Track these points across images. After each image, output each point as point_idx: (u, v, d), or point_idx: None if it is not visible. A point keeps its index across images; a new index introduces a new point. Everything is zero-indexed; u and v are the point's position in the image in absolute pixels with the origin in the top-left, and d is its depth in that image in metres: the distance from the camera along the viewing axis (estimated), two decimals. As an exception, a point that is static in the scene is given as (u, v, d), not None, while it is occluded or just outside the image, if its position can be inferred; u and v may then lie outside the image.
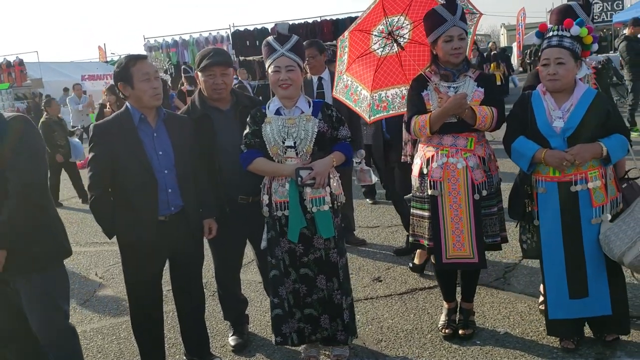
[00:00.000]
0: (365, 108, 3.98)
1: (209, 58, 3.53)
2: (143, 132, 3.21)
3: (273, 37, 3.32)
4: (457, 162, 3.40)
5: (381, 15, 3.72)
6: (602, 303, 3.24)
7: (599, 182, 3.18)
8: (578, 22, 3.18)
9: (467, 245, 3.43)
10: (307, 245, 3.29)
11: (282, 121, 3.27)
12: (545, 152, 3.18)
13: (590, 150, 3.13)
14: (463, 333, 3.66)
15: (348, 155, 3.38)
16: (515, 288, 4.36)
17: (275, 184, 3.28)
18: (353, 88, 4.00)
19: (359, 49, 3.91)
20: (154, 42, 18.90)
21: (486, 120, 3.33)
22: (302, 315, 3.36)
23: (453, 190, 3.42)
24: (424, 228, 3.57)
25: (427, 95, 3.47)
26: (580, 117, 3.16)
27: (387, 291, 4.57)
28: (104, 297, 5.17)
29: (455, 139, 3.43)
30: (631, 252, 3.05)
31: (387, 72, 3.92)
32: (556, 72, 3.15)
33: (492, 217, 3.49)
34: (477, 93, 3.41)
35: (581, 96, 3.20)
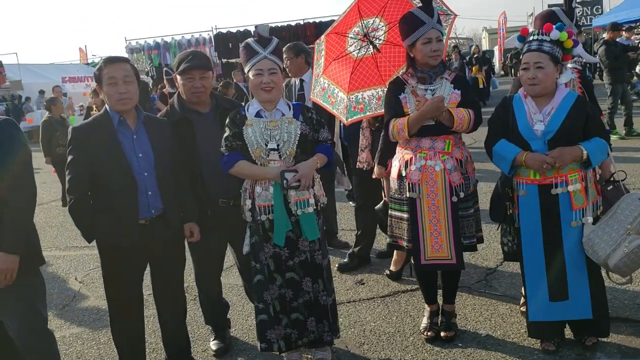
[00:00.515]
0: (343, 110, 3.98)
1: (187, 62, 3.51)
2: (122, 134, 3.18)
3: (254, 40, 3.29)
4: (435, 164, 3.43)
5: (357, 17, 3.74)
6: (582, 306, 3.26)
7: (579, 185, 3.21)
8: (558, 26, 3.21)
9: (445, 246, 3.46)
10: (293, 248, 3.28)
11: (264, 124, 3.25)
12: (526, 155, 3.20)
13: (570, 154, 3.15)
14: (445, 335, 3.67)
15: (330, 157, 3.38)
16: (497, 290, 4.39)
17: (259, 187, 3.26)
18: (330, 90, 4.00)
19: (335, 52, 3.92)
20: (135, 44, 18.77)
21: (463, 122, 3.36)
22: (289, 320, 3.34)
23: (431, 192, 3.44)
24: (402, 229, 3.60)
25: (405, 98, 3.49)
26: (561, 120, 3.18)
27: (370, 294, 4.58)
28: (84, 301, 5.10)
29: (433, 142, 3.45)
30: (616, 254, 3.09)
31: (363, 74, 3.94)
32: (535, 76, 3.17)
33: (469, 219, 3.53)
34: (454, 95, 3.44)
35: (562, 100, 3.23)
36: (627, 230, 3.10)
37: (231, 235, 3.67)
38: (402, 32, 3.50)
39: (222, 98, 3.79)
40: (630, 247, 3.05)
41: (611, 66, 10.02)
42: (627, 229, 3.10)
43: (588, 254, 3.21)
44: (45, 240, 7.03)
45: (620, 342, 3.43)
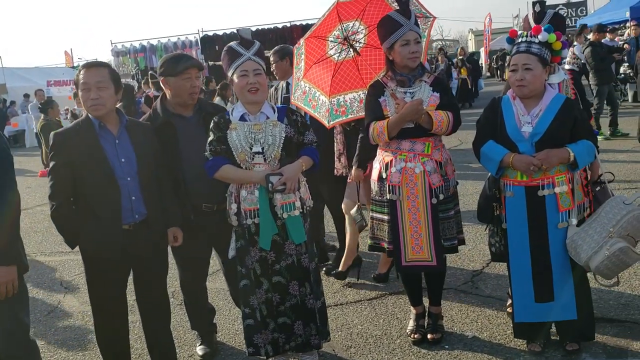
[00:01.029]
0: (324, 113, 3.98)
1: (185, 60, 3.49)
2: (104, 139, 3.16)
3: (236, 43, 3.28)
4: (414, 166, 3.44)
5: (336, 21, 3.74)
6: (567, 307, 3.28)
7: (566, 187, 3.23)
8: (546, 28, 3.23)
9: (426, 248, 3.48)
10: (279, 252, 3.26)
11: (248, 127, 3.24)
12: (513, 157, 3.21)
13: (557, 156, 3.17)
14: (432, 337, 3.68)
15: (315, 159, 3.38)
16: (483, 292, 4.40)
17: (244, 191, 3.24)
18: (311, 94, 4.00)
19: (315, 55, 3.92)
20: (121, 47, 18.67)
21: (442, 124, 3.38)
22: (276, 325, 3.33)
23: (411, 194, 3.45)
24: (383, 231, 3.62)
25: (385, 102, 3.50)
26: (549, 122, 3.20)
27: (357, 297, 4.57)
28: (68, 307, 5.05)
29: (412, 144, 3.46)
30: (597, 256, 3.10)
31: (345, 77, 3.94)
32: (523, 77, 3.19)
33: (450, 220, 3.54)
34: (433, 98, 3.46)
35: (550, 102, 3.24)
36: (610, 233, 3.11)
37: (216, 240, 3.66)
38: (380, 35, 3.51)
39: (206, 102, 3.78)
40: (612, 251, 3.06)
41: (597, 67, 10.09)
42: (609, 232, 3.11)
43: (571, 255, 3.22)
44: (30, 246, 6.97)
45: (605, 342, 3.44)
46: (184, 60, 3.49)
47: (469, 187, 7.57)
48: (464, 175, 8.32)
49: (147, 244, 3.26)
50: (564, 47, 3.29)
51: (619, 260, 3.11)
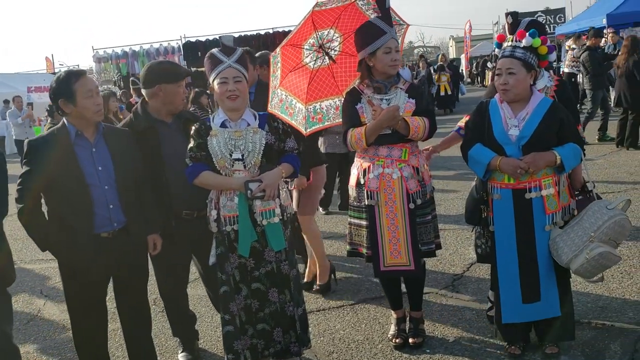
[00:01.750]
0: (301, 121, 4.01)
1: (181, 68, 3.55)
2: (81, 147, 3.15)
3: (218, 50, 3.29)
4: (392, 172, 3.48)
5: (311, 29, 3.77)
6: (551, 305, 3.32)
7: (553, 190, 3.27)
8: (531, 32, 3.27)
9: (404, 253, 3.51)
10: (258, 259, 3.26)
11: (229, 134, 3.24)
12: (500, 160, 3.25)
13: (544, 159, 3.21)
14: (413, 342, 3.70)
15: (296, 166, 3.39)
16: (464, 296, 4.44)
17: (224, 198, 3.24)
18: (288, 102, 4.02)
19: (291, 63, 3.94)
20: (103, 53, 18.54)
21: (419, 130, 3.42)
22: (254, 331, 3.32)
23: (389, 200, 3.49)
24: (361, 237, 3.64)
25: (362, 108, 3.54)
26: (535, 126, 3.24)
27: (339, 302, 4.58)
28: (49, 315, 5.01)
29: (390, 150, 3.50)
30: (577, 259, 3.16)
31: (320, 84, 3.96)
32: (507, 82, 3.23)
33: (427, 225, 3.57)
34: (409, 104, 3.50)
35: (537, 105, 3.28)
36: (591, 237, 3.16)
37: (196, 247, 3.65)
38: (360, 41, 3.54)
39: (183, 110, 3.79)
40: (591, 255, 3.11)
41: (595, 72, 10.18)
42: (590, 237, 3.16)
43: (553, 256, 3.27)
44: (10, 254, 6.87)
45: (583, 345, 3.49)
46: (180, 68, 3.56)
47: (450, 192, 7.64)
48: (444, 180, 8.40)
49: (127, 252, 3.24)
50: (551, 51, 3.33)
51: (598, 263, 3.17)
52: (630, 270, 4.50)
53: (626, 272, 4.46)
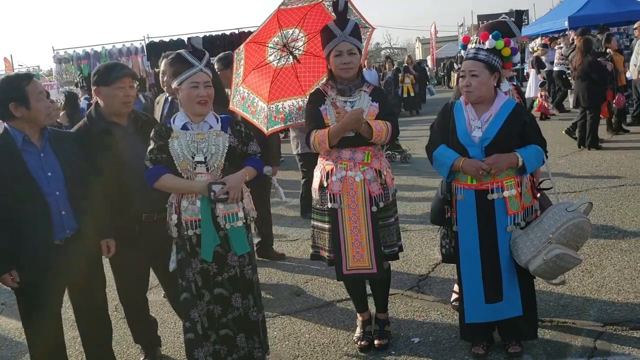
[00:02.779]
0: (263, 120, 3.97)
1: (118, 69, 3.42)
2: (29, 153, 3.05)
3: (187, 52, 3.20)
4: (355, 175, 3.47)
5: (276, 27, 3.73)
6: (514, 305, 3.35)
7: (515, 191, 3.30)
8: (494, 35, 3.29)
9: (367, 256, 3.49)
10: (221, 263, 3.20)
11: (191, 136, 3.18)
12: (463, 161, 3.27)
13: (506, 160, 3.24)
14: (378, 343, 3.69)
15: (259, 170, 3.34)
16: (429, 296, 4.45)
17: (185, 202, 3.17)
18: (250, 100, 3.98)
19: (254, 61, 3.90)
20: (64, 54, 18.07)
21: (382, 134, 3.42)
22: (217, 337, 3.26)
23: (352, 202, 3.47)
24: (324, 240, 3.62)
25: (325, 110, 3.52)
26: (498, 127, 3.27)
27: (305, 305, 4.56)
28: (5, 324, 4.87)
29: (353, 153, 3.49)
30: (535, 261, 3.19)
31: (283, 84, 3.94)
32: (470, 83, 3.26)
33: (390, 228, 3.58)
34: (372, 108, 3.50)
35: (500, 107, 3.31)
36: (549, 239, 3.19)
37: (154, 251, 3.57)
38: (321, 44, 3.56)
39: (139, 112, 3.70)
40: (549, 256, 3.15)
41: None
42: (548, 238, 3.19)
43: (513, 256, 3.30)
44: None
45: (546, 343, 3.53)
46: (117, 70, 3.42)
47: (415, 194, 7.67)
48: (410, 182, 8.43)
49: (81, 258, 3.16)
50: (514, 53, 3.36)
51: (556, 265, 3.20)
52: (591, 268, 4.58)
53: (587, 271, 4.53)
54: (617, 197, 6.48)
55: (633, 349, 3.36)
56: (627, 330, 3.58)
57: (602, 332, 3.58)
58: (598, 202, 6.31)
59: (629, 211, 5.90)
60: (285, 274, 5.32)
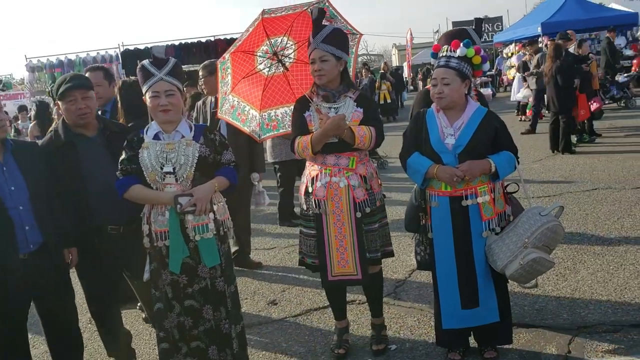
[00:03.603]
0: (255, 127, 3.97)
1: (67, 83, 3.36)
2: None
3: (149, 61, 3.19)
4: (339, 181, 3.47)
5: (263, 36, 3.72)
6: (490, 311, 3.36)
7: (488, 197, 3.32)
8: (465, 43, 3.31)
9: (351, 262, 3.49)
10: (191, 275, 3.15)
11: (161, 146, 3.14)
12: (437, 168, 3.28)
13: (479, 167, 3.26)
14: (377, 349, 3.69)
15: (232, 179, 3.30)
16: (406, 302, 4.45)
17: (155, 212, 3.14)
18: (240, 108, 3.97)
19: (244, 70, 3.89)
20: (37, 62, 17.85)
21: (365, 139, 3.41)
22: (188, 349, 3.21)
23: (336, 208, 3.47)
24: (308, 246, 3.62)
25: (309, 116, 3.53)
26: (471, 134, 3.29)
27: (282, 314, 4.53)
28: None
29: (337, 159, 3.49)
30: (512, 265, 3.20)
31: (275, 92, 3.94)
32: (442, 91, 3.28)
33: (373, 233, 3.56)
34: (356, 113, 3.49)
35: (472, 114, 3.34)
36: (524, 243, 3.22)
37: (125, 263, 3.52)
38: None
39: (110, 121, 3.65)
40: (525, 261, 3.17)
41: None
42: (524, 243, 3.22)
43: (489, 262, 3.32)
44: None
45: (521, 347, 3.55)
46: (65, 83, 3.37)
47: (393, 199, 7.68)
48: (387, 187, 8.46)
49: (48, 273, 3.10)
50: (484, 61, 3.39)
51: (532, 269, 3.23)
52: (565, 272, 4.63)
53: (561, 275, 4.58)
54: (591, 201, 6.57)
55: (606, 352, 3.39)
56: (600, 333, 3.62)
57: (576, 336, 3.61)
58: (571, 206, 6.39)
59: (601, 215, 5.98)
60: (262, 283, 5.29)
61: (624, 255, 4.82)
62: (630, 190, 6.79)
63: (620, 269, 4.56)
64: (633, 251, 4.89)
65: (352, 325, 3.98)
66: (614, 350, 3.40)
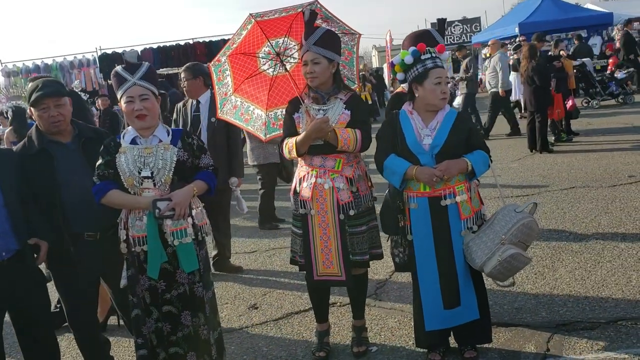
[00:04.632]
0: (260, 127, 3.99)
1: (38, 90, 3.30)
2: None
3: (122, 67, 3.16)
4: (324, 182, 3.47)
5: (263, 38, 3.72)
6: (470, 309, 3.38)
7: (466, 196, 3.35)
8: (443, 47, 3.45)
9: (335, 263, 3.50)
10: (170, 280, 3.12)
11: (138, 150, 3.11)
12: (416, 169, 3.30)
13: (456, 166, 3.29)
14: (357, 351, 3.69)
15: (210, 183, 3.28)
16: (386, 303, 4.46)
17: (132, 217, 3.10)
18: (244, 108, 4.00)
19: (246, 71, 3.92)
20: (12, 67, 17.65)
21: (349, 142, 3.40)
22: (167, 355, 3.17)
23: (321, 209, 3.48)
24: (297, 245, 3.64)
25: (299, 118, 3.54)
26: (446, 134, 3.32)
27: (263, 318, 4.51)
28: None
29: (324, 160, 3.50)
30: (490, 262, 3.23)
31: (281, 91, 3.95)
32: (446, 90, 3.35)
33: (360, 236, 3.54)
34: (344, 115, 3.49)
35: (445, 115, 3.38)
36: (502, 240, 3.25)
37: (102, 270, 3.47)
38: None
39: (86, 127, 3.60)
40: (503, 257, 3.19)
41: None
42: (501, 239, 3.25)
43: (467, 260, 3.34)
44: None
45: (500, 346, 3.57)
46: (37, 91, 3.30)
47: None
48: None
49: (21, 281, 3.05)
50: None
51: (510, 265, 3.25)
52: (543, 270, 4.67)
53: (539, 273, 4.62)
54: (568, 199, 6.64)
55: (584, 349, 3.43)
56: (578, 330, 3.66)
57: (555, 333, 3.64)
58: (550, 204, 6.46)
59: (579, 213, 6.05)
60: (243, 287, 5.26)
61: (601, 253, 4.88)
62: (607, 189, 6.88)
63: (598, 267, 4.61)
64: (610, 248, 4.95)
65: (333, 327, 3.97)
66: (592, 347, 3.44)
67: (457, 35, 31.17)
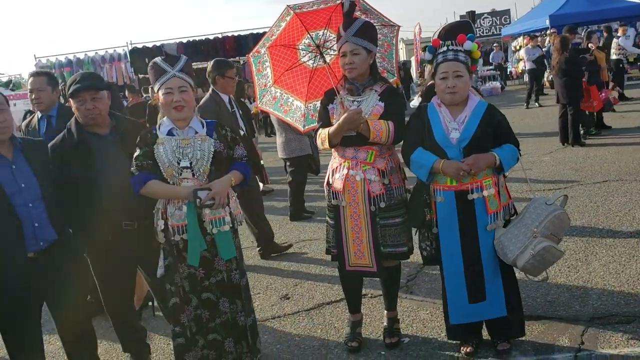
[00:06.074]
0: (299, 118, 4.03)
1: (76, 83, 3.38)
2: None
3: (161, 58, 3.22)
4: (356, 174, 3.49)
5: (302, 30, 3.75)
6: (498, 305, 3.37)
7: (493, 190, 3.32)
8: (470, 37, 3.33)
9: (367, 254, 3.53)
10: (208, 268, 3.20)
11: (176, 142, 3.18)
12: (443, 163, 3.28)
13: (484, 160, 3.26)
14: (390, 342, 3.71)
15: (246, 174, 3.34)
16: (418, 296, 4.47)
17: (172, 207, 3.17)
18: (283, 99, 4.05)
19: (286, 63, 3.95)
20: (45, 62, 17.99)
21: (381, 134, 3.39)
22: (205, 341, 3.25)
23: (353, 201, 3.50)
24: (331, 235, 3.68)
25: (333, 109, 3.56)
26: (474, 128, 3.28)
27: (295, 308, 4.56)
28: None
29: (356, 152, 3.51)
30: (523, 256, 3.21)
31: (321, 83, 3.97)
32: (455, 84, 3.26)
33: (394, 228, 3.53)
34: (377, 107, 3.49)
35: (474, 108, 3.33)
36: (534, 233, 3.22)
37: (139, 259, 3.54)
38: None
39: (124, 119, 3.67)
40: (536, 250, 3.17)
41: None
42: (533, 232, 3.22)
43: (499, 255, 3.32)
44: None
45: (534, 339, 3.56)
46: (75, 83, 3.38)
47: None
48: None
49: (59, 270, 3.13)
50: (481, 56, 3.41)
51: (543, 258, 3.22)
52: (577, 264, 4.63)
53: (573, 266, 4.58)
54: (601, 193, 6.55)
55: (619, 343, 3.40)
56: (613, 323, 3.62)
57: (589, 327, 3.61)
58: (582, 198, 6.38)
59: (612, 207, 5.97)
60: (274, 277, 5.32)
61: (636, 247, 4.81)
62: (642, 182, 6.76)
63: (633, 260, 4.55)
64: (645, 242, 4.88)
65: (365, 318, 4.00)
66: (628, 340, 3.41)
67: (486, 28, 30.81)
